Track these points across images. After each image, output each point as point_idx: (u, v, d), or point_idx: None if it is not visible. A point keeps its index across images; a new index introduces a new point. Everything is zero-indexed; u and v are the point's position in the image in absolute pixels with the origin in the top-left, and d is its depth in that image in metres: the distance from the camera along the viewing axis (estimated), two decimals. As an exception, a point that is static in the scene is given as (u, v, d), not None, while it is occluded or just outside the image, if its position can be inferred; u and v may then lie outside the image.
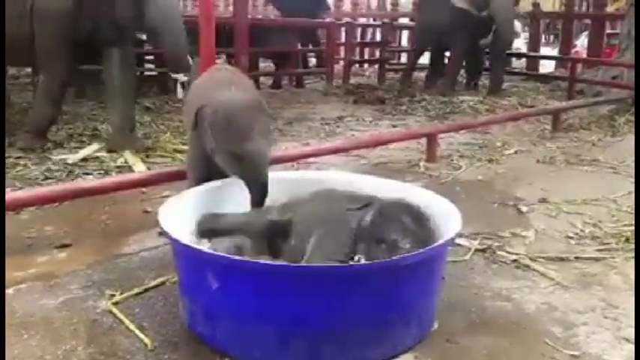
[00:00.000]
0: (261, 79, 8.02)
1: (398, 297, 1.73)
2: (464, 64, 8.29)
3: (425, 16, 8.06)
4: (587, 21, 11.22)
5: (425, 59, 8.69)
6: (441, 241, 1.81)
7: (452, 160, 4.20)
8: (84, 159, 3.85)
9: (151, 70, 7.23)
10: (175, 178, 2.74)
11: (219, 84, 2.37)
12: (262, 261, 1.79)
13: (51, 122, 4.22)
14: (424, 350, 1.81)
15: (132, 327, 1.88)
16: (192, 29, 3.79)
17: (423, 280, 1.81)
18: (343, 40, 9.85)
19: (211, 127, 2.13)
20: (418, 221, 1.91)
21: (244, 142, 2.06)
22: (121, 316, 1.95)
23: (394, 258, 1.73)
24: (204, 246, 2.01)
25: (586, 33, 10.86)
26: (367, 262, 1.78)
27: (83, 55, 4.11)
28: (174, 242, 1.80)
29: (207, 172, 2.34)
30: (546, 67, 10.26)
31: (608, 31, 9.83)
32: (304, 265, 1.80)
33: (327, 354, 1.69)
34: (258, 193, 2.12)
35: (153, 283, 2.18)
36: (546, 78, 8.95)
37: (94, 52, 4.08)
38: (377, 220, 1.89)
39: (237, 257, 1.75)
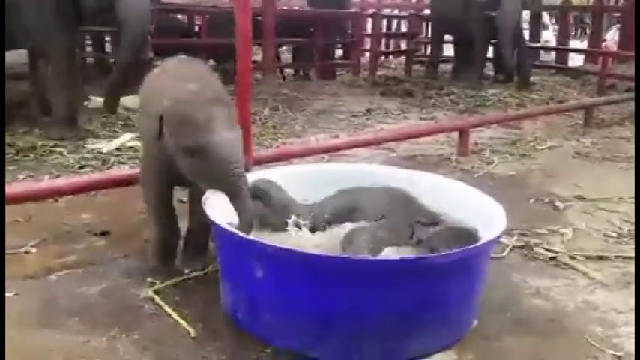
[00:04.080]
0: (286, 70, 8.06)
1: (438, 294, 1.72)
2: (491, 56, 8.17)
3: (438, 5, 7.98)
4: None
5: (450, 51, 8.61)
6: (484, 240, 1.79)
7: (483, 154, 4.16)
8: (117, 148, 3.89)
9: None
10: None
11: (174, 79, 1.99)
12: (307, 251, 1.79)
13: (73, 105, 4.20)
14: (464, 348, 1.80)
15: (174, 315, 1.91)
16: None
17: (464, 278, 1.80)
18: (369, 31, 9.78)
19: (167, 127, 1.83)
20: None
21: (202, 134, 1.74)
22: (162, 303, 1.97)
23: (436, 254, 1.72)
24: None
25: (617, 26, 10.62)
26: (410, 256, 1.77)
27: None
28: (218, 229, 1.80)
29: (167, 188, 2.18)
30: (574, 60, 10.06)
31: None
32: (347, 256, 1.80)
33: (366, 347, 1.70)
34: (240, 203, 1.79)
35: (193, 272, 2.19)
36: (576, 72, 8.79)
37: None
38: (436, 235, 1.93)
39: (283, 246, 1.72)
